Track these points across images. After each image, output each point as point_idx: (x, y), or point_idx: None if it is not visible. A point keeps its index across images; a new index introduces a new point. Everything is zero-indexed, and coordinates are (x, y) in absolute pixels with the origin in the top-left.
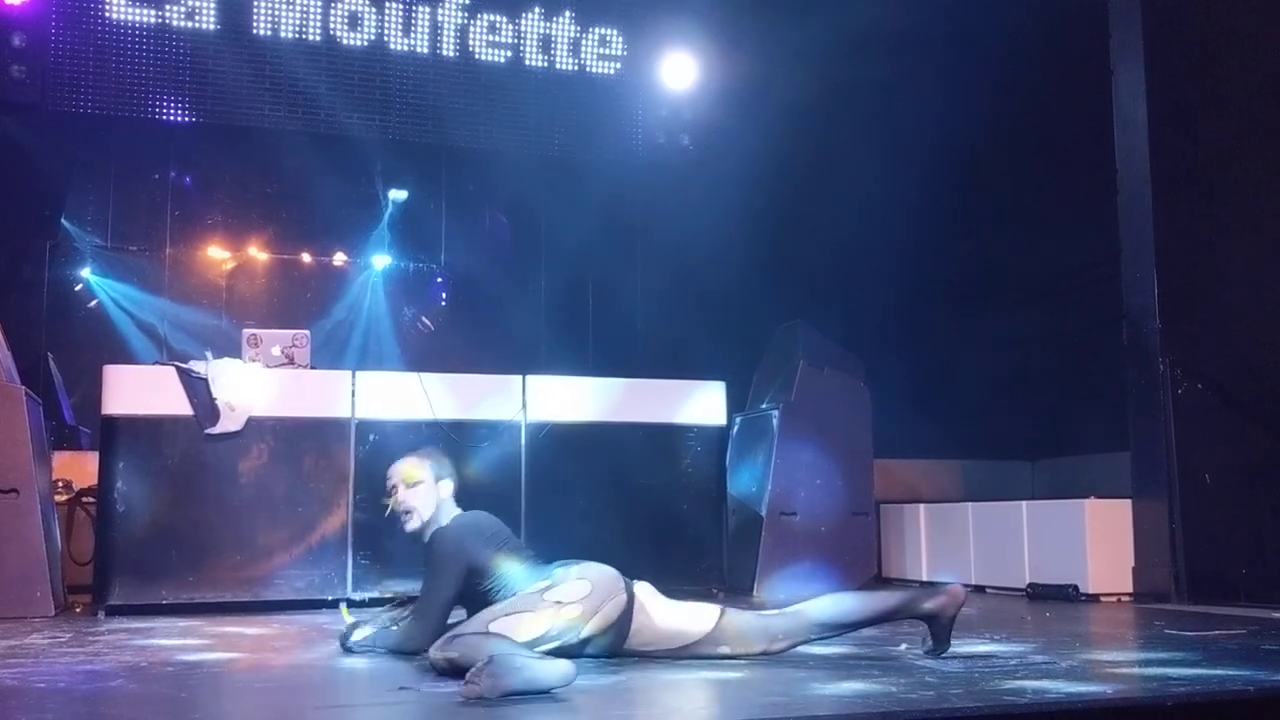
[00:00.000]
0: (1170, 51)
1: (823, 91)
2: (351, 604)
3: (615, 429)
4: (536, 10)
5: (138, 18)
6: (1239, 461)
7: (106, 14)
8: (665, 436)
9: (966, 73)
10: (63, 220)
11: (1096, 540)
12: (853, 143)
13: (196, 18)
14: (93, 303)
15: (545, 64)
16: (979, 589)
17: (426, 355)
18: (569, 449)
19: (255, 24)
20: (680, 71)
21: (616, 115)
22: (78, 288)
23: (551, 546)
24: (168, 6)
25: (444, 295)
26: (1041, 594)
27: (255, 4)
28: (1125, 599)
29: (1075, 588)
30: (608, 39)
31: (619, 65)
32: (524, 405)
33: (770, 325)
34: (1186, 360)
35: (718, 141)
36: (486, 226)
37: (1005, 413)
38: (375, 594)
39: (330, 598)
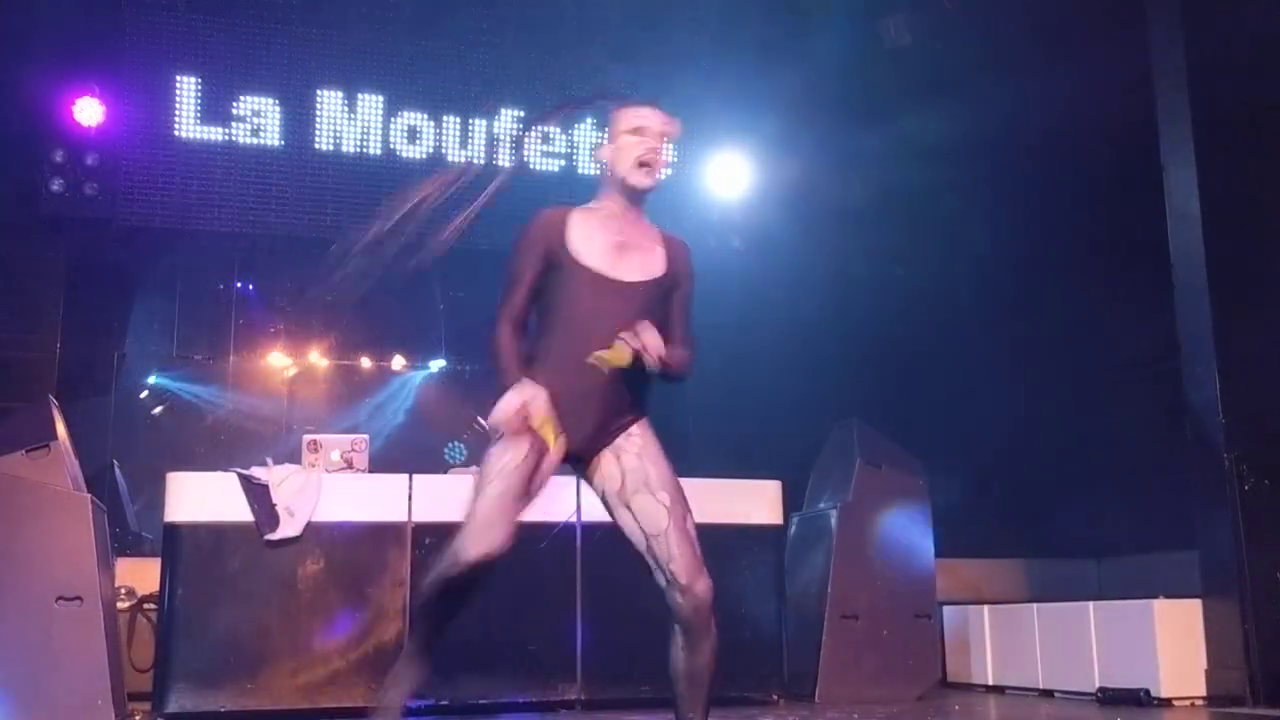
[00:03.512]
0: (1220, 147)
1: (874, 196)
2: (409, 712)
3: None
4: (589, 121)
5: (206, 135)
6: None
7: (176, 133)
8: (721, 537)
9: (1018, 174)
10: (130, 330)
11: (1167, 641)
12: (905, 244)
13: (261, 134)
14: (157, 410)
15: (598, 170)
16: (1047, 693)
17: (482, 456)
18: (624, 550)
19: (318, 140)
20: (731, 176)
21: (667, 219)
22: (143, 395)
23: (610, 650)
24: (234, 125)
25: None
26: (1113, 698)
27: (318, 122)
28: (1199, 703)
29: (1147, 691)
30: None
31: (669, 170)
32: (578, 505)
33: (826, 424)
34: (1252, 455)
35: (769, 244)
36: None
37: (1068, 510)
38: (431, 701)
39: None
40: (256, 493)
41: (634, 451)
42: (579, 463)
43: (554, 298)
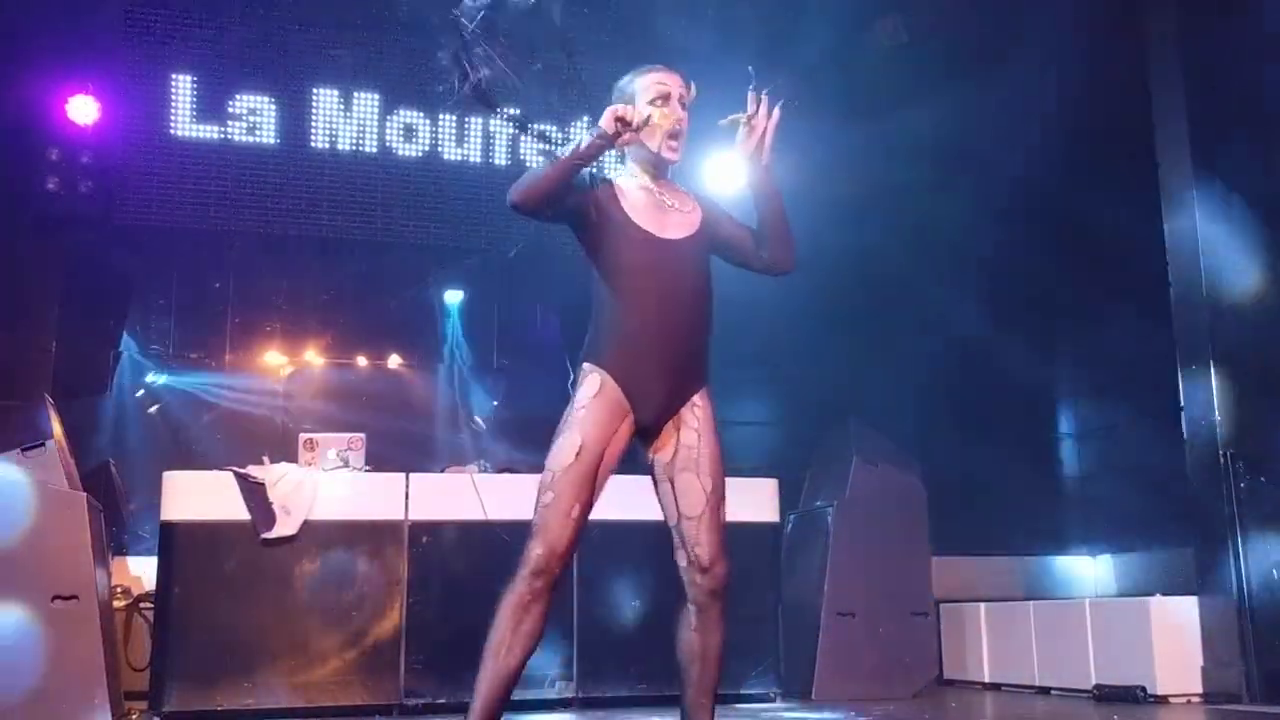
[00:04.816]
0: (1217, 146)
1: (872, 194)
2: (404, 710)
3: (666, 527)
4: (586, 119)
5: (202, 134)
6: None
7: (172, 131)
8: None
9: (1016, 173)
10: (126, 328)
11: (1163, 639)
12: (900, 242)
13: (257, 133)
14: (153, 409)
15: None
16: (1044, 690)
17: (480, 455)
18: (620, 548)
19: (313, 138)
20: (727, 173)
21: None
22: (139, 394)
23: (604, 647)
24: (230, 123)
25: (496, 395)
26: (1109, 695)
27: (314, 120)
28: (1195, 700)
29: (1143, 689)
30: None
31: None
32: None
33: (822, 422)
34: (1248, 453)
35: None
36: (538, 327)
37: (1065, 507)
38: (428, 700)
39: (384, 703)
40: (253, 491)
41: (694, 428)
42: (646, 437)
43: (609, 266)
